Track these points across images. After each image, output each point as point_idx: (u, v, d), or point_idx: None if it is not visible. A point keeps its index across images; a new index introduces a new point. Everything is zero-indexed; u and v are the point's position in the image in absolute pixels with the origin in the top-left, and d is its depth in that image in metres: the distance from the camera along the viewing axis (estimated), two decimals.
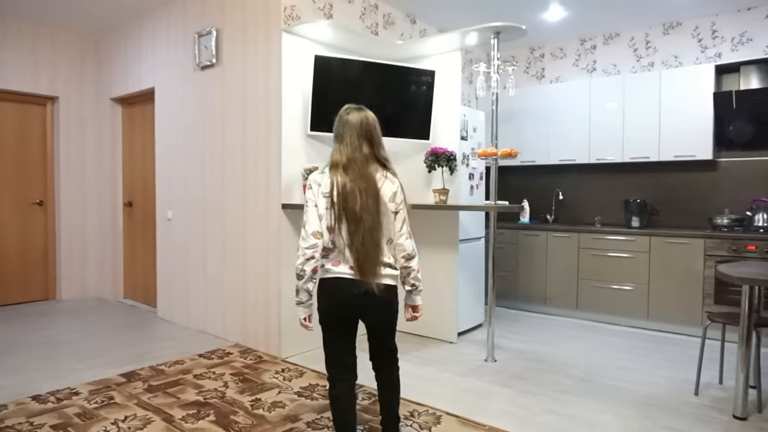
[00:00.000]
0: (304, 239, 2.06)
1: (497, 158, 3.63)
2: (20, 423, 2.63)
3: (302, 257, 2.05)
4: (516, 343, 4.20)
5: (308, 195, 2.10)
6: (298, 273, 2.07)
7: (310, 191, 2.10)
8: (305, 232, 2.06)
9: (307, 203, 2.09)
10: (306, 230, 2.06)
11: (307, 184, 2.12)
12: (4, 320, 4.73)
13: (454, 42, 3.94)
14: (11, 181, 5.34)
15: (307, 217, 2.08)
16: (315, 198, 2.08)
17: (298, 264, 2.06)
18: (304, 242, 2.05)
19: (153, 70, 4.89)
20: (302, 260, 2.05)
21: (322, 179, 2.10)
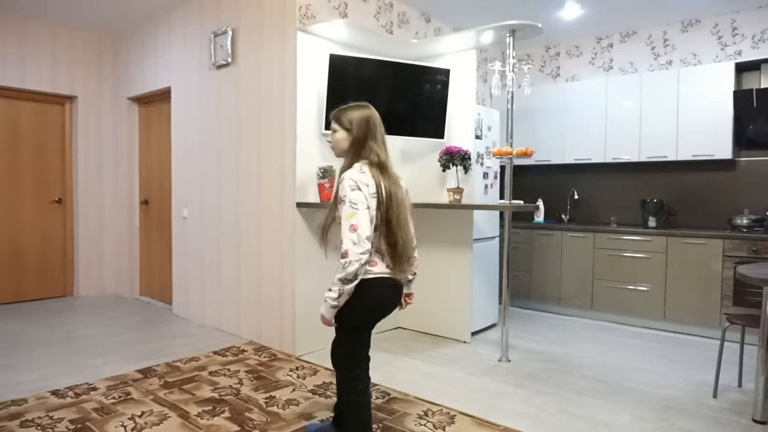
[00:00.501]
0: (358, 244, 1.95)
1: (512, 157, 3.61)
2: (40, 417, 2.67)
3: (357, 263, 1.95)
4: (530, 344, 4.18)
5: (358, 197, 1.99)
6: (349, 278, 1.97)
7: (359, 192, 2.00)
8: (358, 237, 1.96)
9: (356, 205, 1.98)
10: (359, 234, 1.96)
11: (352, 185, 2.01)
12: (24, 316, 4.81)
13: (469, 41, 3.92)
14: (31, 180, 5.43)
15: (359, 219, 1.97)
16: (367, 200, 2.01)
17: (351, 270, 1.95)
18: (359, 247, 1.96)
19: (169, 69, 4.93)
20: (357, 266, 1.96)
21: (370, 181, 2.05)
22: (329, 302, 2.03)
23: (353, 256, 1.95)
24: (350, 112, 2.16)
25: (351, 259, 1.95)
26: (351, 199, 1.99)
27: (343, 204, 2.01)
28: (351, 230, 1.96)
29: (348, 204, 1.99)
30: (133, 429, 2.55)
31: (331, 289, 2.01)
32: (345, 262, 1.96)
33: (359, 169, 2.08)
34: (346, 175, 2.05)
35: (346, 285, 1.99)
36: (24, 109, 5.36)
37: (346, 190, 2.01)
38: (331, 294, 2.01)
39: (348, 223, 1.97)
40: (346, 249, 1.96)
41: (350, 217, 1.97)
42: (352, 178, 2.03)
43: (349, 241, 1.96)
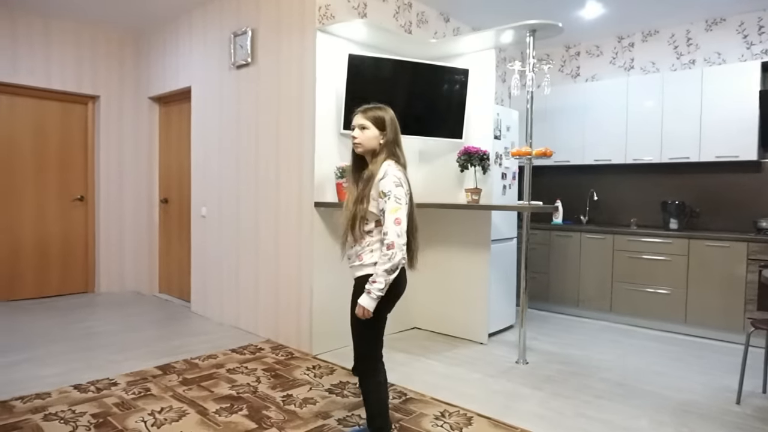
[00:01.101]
0: (401, 236, 2.08)
1: (531, 158, 3.58)
2: (63, 411, 2.72)
3: (401, 252, 2.09)
4: (547, 346, 4.14)
5: (401, 192, 2.11)
6: (394, 268, 2.08)
7: (402, 189, 2.12)
8: (401, 230, 2.08)
9: (400, 200, 2.10)
10: (402, 228, 2.09)
11: (396, 181, 2.11)
12: (48, 311, 4.91)
13: (489, 40, 3.90)
14: (55, 178, 5.53)
15: (402, 214, 2.10)
16: (405, 197, 2.14)
17: (397, 260, 2.07)
18: (402, 239, 2.09)
19: (190, 69, 4.99)
20: (401, 255, 2.09)
21: (404, 178, 2.18)
22: (375, 293, 2.09)
23: (398, 247, 2.07)
24: (381, 112, 2.24)
25: (396, 250, 2.07)
26: (396, 195, 2.10)
27: (388, 199, 2.10)
28: (396, 223, 2.08)
29: (393, 199, 2.10)
30: (152, 424, 2.58)
31: (376, 281, 2.09)
32: (391, 253, 2.07)
33: (396, 166, 2.19)
34: (389, 172, 2.14)
35: (391, 275, 2.09)
36: (49, 109, 5.46)
37: (390, 186, 2.11)
38: (377, 285, 2.08)
39: (393, 217, 2.08)
40: (392, 240, 2.07)
41: (395, 210, 2.09)
42: (396, 175, 2.14)
43: (394, 234, 2.07)
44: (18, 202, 5.30)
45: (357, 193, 2.21)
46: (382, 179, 2.13)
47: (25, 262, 5.36)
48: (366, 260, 2.19)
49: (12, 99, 5.22)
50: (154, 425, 2.58)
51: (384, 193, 2.11)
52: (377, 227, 2.17)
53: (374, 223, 2.18)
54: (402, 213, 2.10)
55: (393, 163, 2.19)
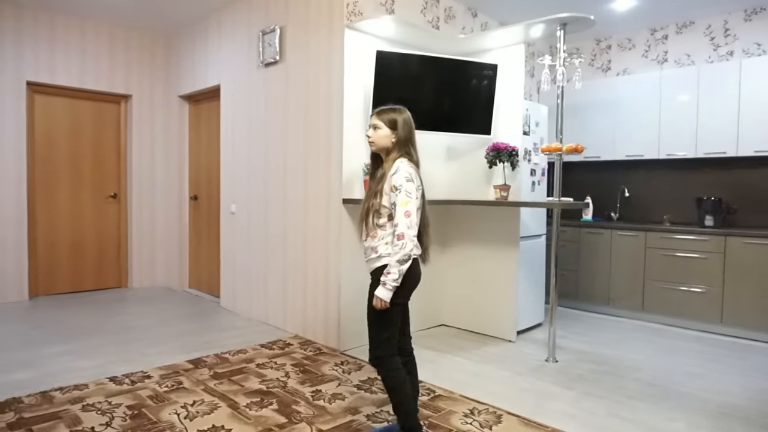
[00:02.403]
0: (411, 228, 2.19)
1: (562, 154, 3.53)
2: (100, 402, 2.79)
3: (411, 243, 2.18)
4: (577, 344, 4.08)
5: (411, 187, 2.23)
6: (405, 258, 2.17)
7: (412, 184, 2.23)
8: (411, 222, 2.19)
9: (411, 194, 2.22)
10: (412, 220, 2.20)
11: (408, 176, 2.23)
12: (83, 306, 5.04)
13: (518, 35, 3.85)
14: (89, 176, 5.67)
15: (412, 207, 2.21)
16: (416, 192, 2.25)
17: (407, 250, 2.16)
18: (412, 230, 2.19)
19: (219, 67, 5.05)
20: (411, 246, 2.18)
21: (416, 174, 2.30)
22: (390, 284, 2.18)
23: (409, 237, 2.17)
24: (394, 114, 2.37)
25: (407, 241, 2.17)
26: (407, 189, 2.21)
27: (398, 192, 2.21)
28: (406, 216, 2.18)
29: (404, 193, 2.21)
30: (185, 417, 2.63)
31: (390, 272, 2.17)
32: (402, 243, 2.17)
33: (408, 163, 2.30)
34: (401, 168, 2.25)
35: (403, 265, 2.18)
36: (83, 108, 5.60)
37: (401, 180, 2.22)
38: (392, 276, 2.17)
39: (403, 210, 2.19)
40: (402, 232, 2.17)
41: (405, 204, 2.19)
42: (408, 171, 2.25)
43: (404, 226, 2.18)
44: (55, 199, 5.45)
45: (372, 188, 2.34)
46: (394, 174, 2.25)
47: (62, 257, 5.52)
48: (381, 252, 2.27)
49: (49, 99, 5.37)
50: (186, 418, 2.62)
51: (395, 187, 2.22)
52: (389, 221, 2.27)
53: (387, 217, 2.27)
54: (412, 206, 2.21)
55: (406, 160, 2.31)
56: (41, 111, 5.33)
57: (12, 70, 5.03)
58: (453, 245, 4.44)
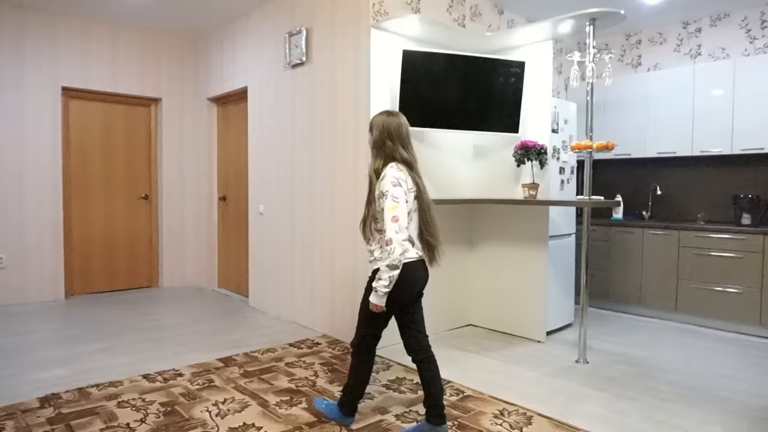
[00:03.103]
0: (400, 232, 2.21)
1: (592, 151, 3.46)
2: (134, 398, 2.86)
3: (400, 247, 2.20)
4: (608, 345, 4.00)
5: (398, 192, 2.26)
6: (395, 263, 2.19)
7: (399, 188, 2.27)
8: (399, 227, 2.21)
9: (397, 199, 2.24)
10: (400, 224, 2.22)
11: (394, 182, 2.27)
12: (116, 304, 5.16)
13: (546, 31, 3.80)
14: (121, 178, 5.81)
15: (400, 212, 2.23)
16: (405, 195, 2.29)
17: (396, 255, 2.18)
18: (401, 235, 2.21)
19: (246, 70, 5.11)
20: (401, 250, 2.20)
21: (405, 176, 2.33)
22: (381, 290, 2.24)
23: (396, 243, 2.19)
24: (375, 118, 2.48)
25: (395, 246, 2.19)
26: (393, 194, 2.25)
27: (385, 198, 2.26)
28: (393, 221, 2.22)
29: (390, 198, 2.24)
30: (217, 414, 2.67)
31: (380, 278, 2.22)
32: (390, 248, 2.20)
33: (397, 167, 2.35)
34: (388, 173, 2.31)
35: (393, 271, 2.20)
36: (115, 112, 5.74)
37: (388, 186, 2.27)
38: (382, 282, 2.22)
39: (391, 215, 2.22)
40: (390, 237, 2.20)
41: (393, 209, 2.23)
42: (394, 176, 2.30)
43: (392, 231, 2.20)
44: (89, 201, 5.60)
45: (367, 196, 2.43)
46: (382, 180, 2.31)
47: (96, 257, 5.66)
48: (376, 255, 2.35)
49: (83, 104, 5.51)
50: (218, 415, 2.66)
51: (383, 193, 2.28)
52: None
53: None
54: (400, 211, 2.23)
55: (394, 164, 2.35)
56: (76, 115, 5.48)
57: (48, 76, 5.18)
58: (480, 245, 4.41)
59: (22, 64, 5.03)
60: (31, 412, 2.67)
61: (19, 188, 5.07)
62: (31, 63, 5.08)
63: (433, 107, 3.86)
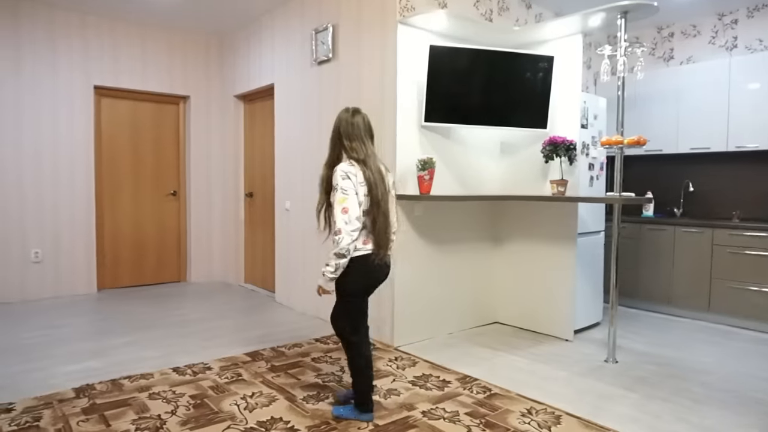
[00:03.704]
0: (349, 223, 2.35)
1: (623, 147, 3.39)
2: (165, 390, 2.91)
3: (348, 237, 2.35)
4: (638, 345, 3.93)
5: (347, 185, 2.38)
6: (342, 252, 2.35)
7: (348, 181, 2.39)
8: (349, 218, 2.35)
9: (346, 191, 2.37)
10: (350, 216, 2.35)
11: (343, 175, 2.40)
12: (146, 299, 5.27)
13: (575, 25, 3.73)
14: (150, 174, 5.91)
15: (349, 203, 2.36)
16: (355, 187, 2.40)
17: (344, 244, 2.34)
18: (350, 226, 2.35)
19: (272, 67, 5.15)
20: (349, 240, 2.35)
21: (356, 171, 2.43)
22: (327, 275, 2.40)
23: (345, 233, 2.34)
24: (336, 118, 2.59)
25: (343, 236, 2.34)
26: (342, 187, 2.38)
27: (335, 191, 2.40)
28: (343, 212, 2.35)
29: (340, 191, 2.38)
30: (245, 408, 2.70)
31: (327, 263, 2.39)
32: (339, 238, 2.35)
33: (349, 162, 2.48)
34: (338, 168, 2.45)
35: (340, 259, 2.37)
36: (145, 110, 5.84)
37: (338, 179, 2.41)
38: (328, 268, 2.39)
39: (340, 207, 2.36)
40: (339, 227, 2.35)
41: (342, 201, 2.37)
42: (343, 170, 2.42)
43: (342, 221, 2.35)
44: (120, 197, 5.72)
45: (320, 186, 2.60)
46: (333, 174, 2.45)
47: (126, 252, 5.78)
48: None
49: (114, 102, 5.63)
50: (246, 409, 2.69)
51: (334, 186, 2.42)
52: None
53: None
54: (349, 202, 2.36)
55: (346, 159, 2.49)
56: (107, 113, 5.60)
57: (81, 75, 5.30)
58: (506, 242, 4.37)
59: (56, 64, 5.16)
60: (67, 402, 2.74)
61: (54, 185, 5.20)
62: (65, 62, 5.20)
63: (460, 103, 3.83)
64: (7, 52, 4.91)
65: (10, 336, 3.94)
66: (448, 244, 4.08)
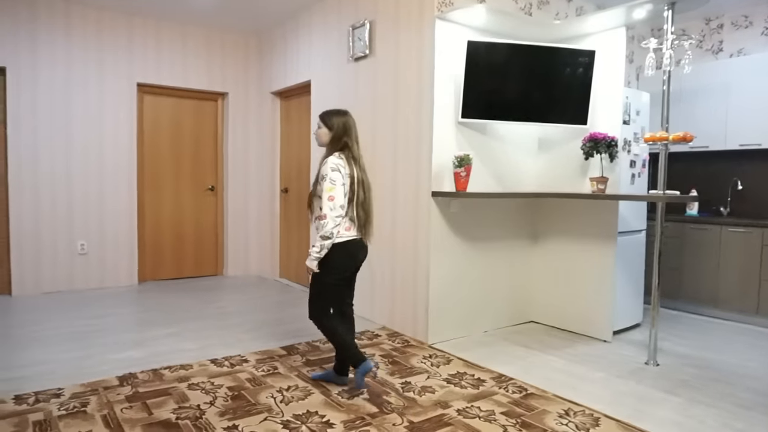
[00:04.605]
0: (334, 209, 2.65)
1: (668, 143, 3.29)
2: (203, 382, 2.98)
3: (332, 222, 2.65)
4: (680, 348, 3.81)
5: (336, 176, 2.68)
6: (327, 235, 2.65)
7: (338, 173, 2.68)
8: (334, 205, 2.65)
9: (335, 182, 2.67)
10: (335, 203, 2.66)
11: (333, 167, 2.69)
12: (184, 292, 5.40)
13: (619, 18, 3.63)
14: (189, 170, 6.05)
15: (336, 193, 2.66)
16: (342, 179, 2.69)
17: (328, 228, 2.64)
18: (334, 212, 2.65)
19: (309, 64, 5.19)
20: (332, 224, 2.65)
21: (346, 165, 2.74)
22: (314, 255, 2.69)
23: (329, 218, 2.65)
24: (333, 117, 2.85)
25: (328, 220, 2.65)
26: (331, 177, 2.68)
27: (324, 181, 2.68)
28: (329, 200, 2.66)
29: (328, 180, 2.67)
30: (281, 401, 2.74)
31: (314, 245, 2.69)
32: (324, 222, 2.66)
33: (338, 156, 2.76)
34: (328, 160, 2.73)
35: (325, 241, 2.66)
36: (185, 106, 5.97)
37: (327, 170, 2.69)
38: (315, 249, 2.68)
39: (327, 195, 2.66)
40: (325, 213, 2.66)
41: (330, 190, 2.66)
42: (333, 162, 2.72)
43: (327, 208, 2.66)
44: (160, 192, 5.87)
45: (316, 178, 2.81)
46: (323, 166, 2.74)
47: (166, 246, 5.93)
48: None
49: (156, 98, 5.77)
50: (282, 402, 2.73)
51: (323, 176, 2.70)
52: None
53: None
54: (336, 192, 2.66)
55: (338, 153, 2.77)
56: (149, 110, 5.75)
57: (125, 73, 5.46)
58: (543, 239, 4.29)
59: (102, 63, 5.33)
60: (112, 390, 2.84)
61: (100, 180, 5.38)
62: (111, 61, 5.36)
63: (498, 99, 3.78)
64: (59, 53, 5.10)
65: (60, 324, 4.10)
66: (483, 241, 4.04)
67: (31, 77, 5.00)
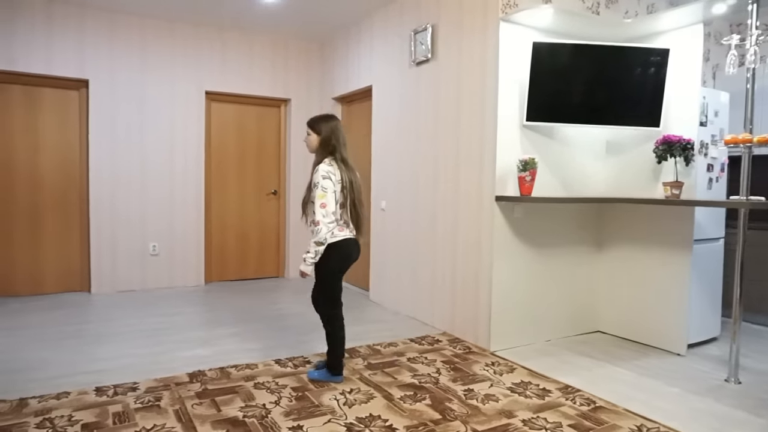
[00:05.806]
0: (326, 216, 2.80)
1: (752, 146, 3.08)
2: (268, 381, 3.04)
3: (325, 228, 2.81)
4: (763, 365, 3.55)
5: (327, 184, 2.82)
6: (320, 241, 2.81)
7: (329, 181, 2.82)
8: (326, 212, 2.80)
9: (326, 189, 2.81)
10: (327, 210, 2.81)
11: (324, 175, 2.82)
12: (247, 293, 5.56)
13: (695, 14, 3.45)
14: (253, 174, 6.23)
15: (327, 200, 2.81)
16: (334, 186, 2.84)
17: (321, 234, 2.80)
18: (327, 218, 2.81)
19: (371, 69, 5.23)
20: (326, 231, 2.81)
21: (336, 172, 2.87)
22: (308, 260, 2.86)
23: (323, 225, 2.80)
24: (321, 122, 2.98)
25: (321, 227, 2.80)
26: (322, 185, 2.82)
27: (316, 189, 2.82)
28: (321, 207, 2.81)
29: (320, 188, 2.81)
30: (344, 403, 2.76)
31: (308, 251, 2.85)
32: (317, 229, 2.81)
33: (329, 163, 2.90)
34: (319, 168, 2.86)
35: (319, 246, 2.83)
36: (249, 112, 6.17)
37: (319, 178, 2.83)
38: (309, 254, 2.85)
39: (319, 202, 2.81)
40: (318, 220, 2.80)
41: (321, 197, 2.81)
42: (324, 170, 2.85)
43: (320, 215, 2.80)
44: (225, 196, 6.08)
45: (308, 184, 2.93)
46: (315, 173, 2.86)
47: (230, 248, 6.13)
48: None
49: (222, 106, 5.99)
50: (345, 404, 2.75)
51: (315, 184, 2.84)
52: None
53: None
54: (327, 199, 2.80)
55: (330, 159, 2.91)
56: (215, 116, 5.97)
57: (195, 82, 5.70)
58: (611, 246, 4.13)
59: (174, 72, 5.59)
60: (183, 386, 2.95)
61: (170, 184, 5.64)
62: (181, 71, 5.62)
63: (564, 101, 3.68)
64: (135, 65, 5.39)
65: (134, 321, 4.32)
66: (548, 247, 3.93)
67: (110, 88, 5.31)
